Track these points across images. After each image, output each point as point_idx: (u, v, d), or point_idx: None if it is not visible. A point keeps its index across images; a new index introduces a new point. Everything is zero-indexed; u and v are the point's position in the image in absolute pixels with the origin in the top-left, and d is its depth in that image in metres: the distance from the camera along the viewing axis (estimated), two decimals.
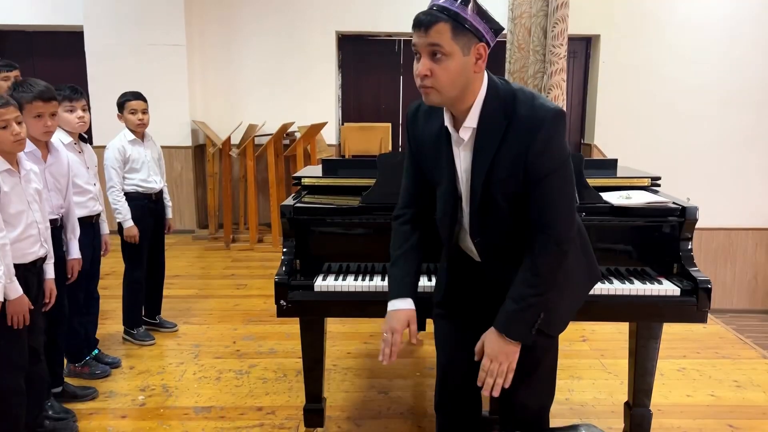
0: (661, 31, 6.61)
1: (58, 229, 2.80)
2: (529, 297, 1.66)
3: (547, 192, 1.63)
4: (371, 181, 2.41)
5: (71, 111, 3.03)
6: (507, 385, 1.71)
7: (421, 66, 1.60)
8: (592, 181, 2.48)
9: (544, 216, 1.65)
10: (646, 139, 6.75)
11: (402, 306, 1.83)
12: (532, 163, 1.60)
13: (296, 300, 2.23)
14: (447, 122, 1.72)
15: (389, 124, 6.75)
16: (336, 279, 2.28)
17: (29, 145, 2.63)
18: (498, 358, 1.69)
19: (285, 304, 2.22)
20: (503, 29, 1.66)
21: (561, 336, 1.95)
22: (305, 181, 2.62)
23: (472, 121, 1.66)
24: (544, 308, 1.70)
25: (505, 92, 1.65)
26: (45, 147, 2.72)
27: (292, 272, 2.27)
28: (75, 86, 3.08)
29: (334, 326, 3.91)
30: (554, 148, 1.61)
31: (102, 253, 3.27)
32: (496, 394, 1.69)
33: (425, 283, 2.23)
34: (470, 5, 1.57)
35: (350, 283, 2.25)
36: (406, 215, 1.93)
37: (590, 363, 3.43)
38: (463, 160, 1.73)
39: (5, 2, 6.44)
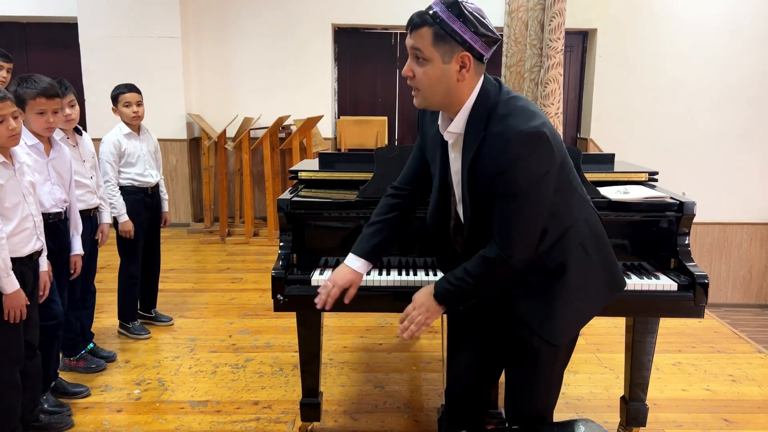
0: (657, 25, 6.60)
1: (63, 221, 2.80)
2: (467, 279, 1.69)
3: (505, 212, 1.61)
4: (368, 175, 2.40)
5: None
6: (418, 335, 1.86)
7: (405, 67, 1.67)
8: (589, 176, 2.47)
9: (500, 232, 1.63)
10: (643, 133, 6.76)
11: (353, 265, 1.93)
12: (497, 180, 1.58)
13: (293, 294, 2.22)
14: (440, 122, 1.74)
15: (385, 118, 6.73)
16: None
17: (32, 139, 2.63)
18: (421, 309, 1.77)
19: (282, 298, 2.21)
20: (499, 39, 1.64)
21: None
22: (302, 175, 2.61)
23: (456, 127, 1.67)
24: (477, 296, 1.79)
25: (491, 103, 1.62)
26: (47, 141, 2.72)
27: (289, 266, 2.26)
28: (62, 80, 2.99)
29: (330, 320, 3.91)
30: (519, 171, 1.55)
31: (99, 242, 3.25)
32: (407, 337, 1.80)
33: (428, 278, 2.23)
34: (457, 12, 1.56)
35: None
36: (399, 193, 1.97)
37: (586, 357, 3.43)
38: (453, 161, 1.75)
39: None
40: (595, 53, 6.73)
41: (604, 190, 2.42)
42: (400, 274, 2.28)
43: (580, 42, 6.93)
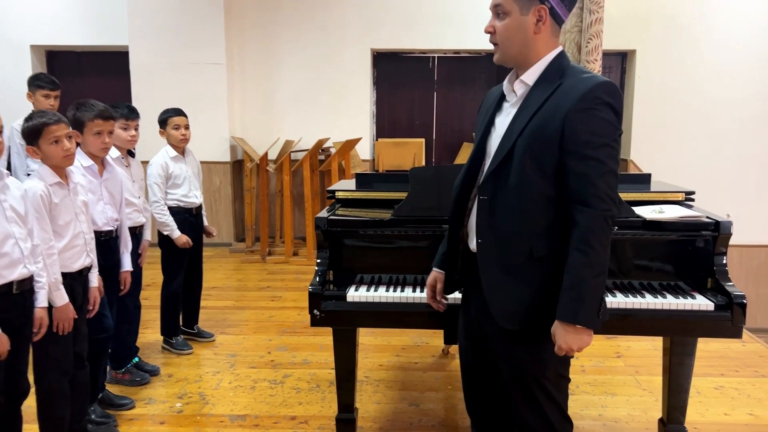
0: (697, 46, 6.53)
1: (114, 239, 2.94)
2: (588, 279, 1.59)
3: (587, 168, 1.59)
4: (404, 195, 2.46)
5: (125, 129, 3.20)
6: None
7: (487, 24, 1.76)
8: (625, 196, 2.49)
9: (586, 190, 1.60)
10: (684, 154, 6.66)
11: (434, 271, 2.06)
12: (569, 126, 1.60)
13: (329, 310, 2.28)
14: (505, 82, 1.80)
15: (422, 140, 6.80)
16: (368, 290, 2.32)
17: (87, 160, 2.79)
18: (572, 349, 1.64)
19: (318, 313, 2.28)
20: (575, 1, 1.73)
21: (594, 352, 1.92)
22: (339, 195, 2.69)
23: (528, 77, 1.73)
24: (604, 290, 1.65)
25: (567, 63, 1.72)
26: (101, 163, 2.87)
27: (325, 283, 2.33)
28: (132, 106, 3.26)
29: (366, 339, 3.95)
30: (595, 118, 1.60)
31: (138, 260, 3.38)
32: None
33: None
34: None
35: (382, 294, 2.30)
36: (460, 188, 1.95)
37: (624, 379, 3.39)
38: (505, 116, 1.78)
39: (56, 24, 6.74)
40: (634, 74, 6.69)
41: (639, 210, 2.42)
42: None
43: (619, 63, 6.90)
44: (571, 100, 1.61)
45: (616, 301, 2.23)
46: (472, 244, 1.83)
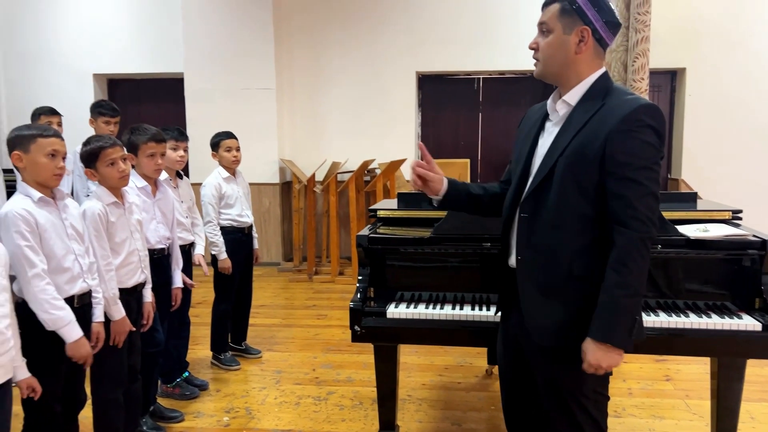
0: (748, 64, 6.36)
1: (166, 257, 3.07)
2: (621, 299, 1.60)
3: (627, 188, 1.61)
4: (443, 213, 2.49)
5: (174, 149, 3.35)
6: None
7: (532, 41, 1.81)
8: (669, 214, 2.46)
9: (625, 211, 1.61)
10: (736, 172, 6.45)
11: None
12: (610, 147, 1.62)
13: (369, 326, 2.33)
14: (549, 100, 1.84)
15: (467, 160, 6.82)
16: (408, 307, 2.36)
17: (141, 181, 2.94)
18: (602, 367, 1.64)
19: (359, 329, 2.33)
20: (620, 25, 1.77)
21: (642, 374, 1.91)
22: (380, 213, 2.75)
23: (571, 97, 1.76)
24: (638, 311, 1.65)
25: (611, 85, 1.75)
26: (154, 184, 3.02)
27: (366, 299, 2.38)
28: (181, 129, 3.44)
29: (409, 358, 3.97)
30: (637, 140, 1.61)
31: (202, 270, 3.52)
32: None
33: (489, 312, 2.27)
34: None
35: (421, 311, 2.33)
36: (501, 185, 2.07)
37: (674, 403, 3.30)
38: (547, 135, 1.81)
39: (117, 54, 7.11)
40: (684, 92, 6.56)
41: (683, 228, 2.40)
42: (473, 309, 2.35)
43: (669, 82, 6.79)
44: (614, 121, 1.63)
45: (658, 320, 2.21)
46: (512, 261, 1.86)
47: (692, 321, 2.19)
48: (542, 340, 1.75)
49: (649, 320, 2.21)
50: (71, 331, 2.20)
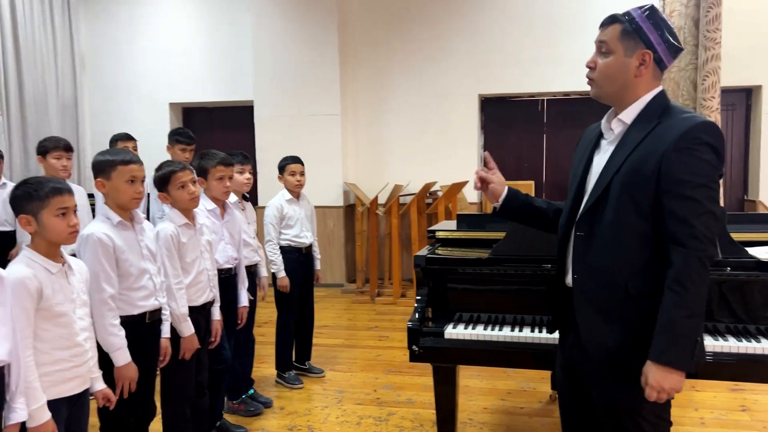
0: None
1: (233, 276, 3.20)
2: (679, 320, 1.56)
3: (683, 207, 1.58)
4: (502, 234, 2.50)
5: (241, 173, 3.50)
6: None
7: (590, 59, 1.79)
8: (739, 236, 2.38)
9: (683, 230, 1.58)
10: None
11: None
12: (666, 165, 1.60)
13: (427, 346, 2.34)
14: (604, 120, 1.83)
15: (532, 182, 6.76)
16: (466, 328, 2.37)
17: (211, 204, 3.09)
18: (664, 390, 1.59)
19: (417, 349, 2.35)
20: (682, 49, 1.75)
21: (716, 404, 1.84)
22: (439, 234, 2.78)
23: (627, 116, 1.75)
24: (699, 332, 1.60)
25: (667, 103, 1.73)
26: (222, 206, 3.16)
27: (424, 319, 2.40)
28: (245, 153, 3.59)
29: (471, 381, 3.94)
30: (694, 158, 1.59)
31: (263, 293, 3.63)
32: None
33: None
34: (650, 15, 1.70)
35: (479, 332, 2.33)
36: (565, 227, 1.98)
37: None
38: (603, 153, 1.80)
39: (192, 83, 7.47)
40: (761, 111, 6.29)
41: (753, 250, 2.31)
42: (532, 330, 2.33)
43: (744, 100, 6.53)
44: (670, 138, 1.62)
45: (727, 345, 2.12)
46: (568, 280, 1.85)
47: (764, 346, 2.10)
48: (599, 359, 1.73)
49: (718, 345, 2.13)
50: (121, 356, 2.29)
